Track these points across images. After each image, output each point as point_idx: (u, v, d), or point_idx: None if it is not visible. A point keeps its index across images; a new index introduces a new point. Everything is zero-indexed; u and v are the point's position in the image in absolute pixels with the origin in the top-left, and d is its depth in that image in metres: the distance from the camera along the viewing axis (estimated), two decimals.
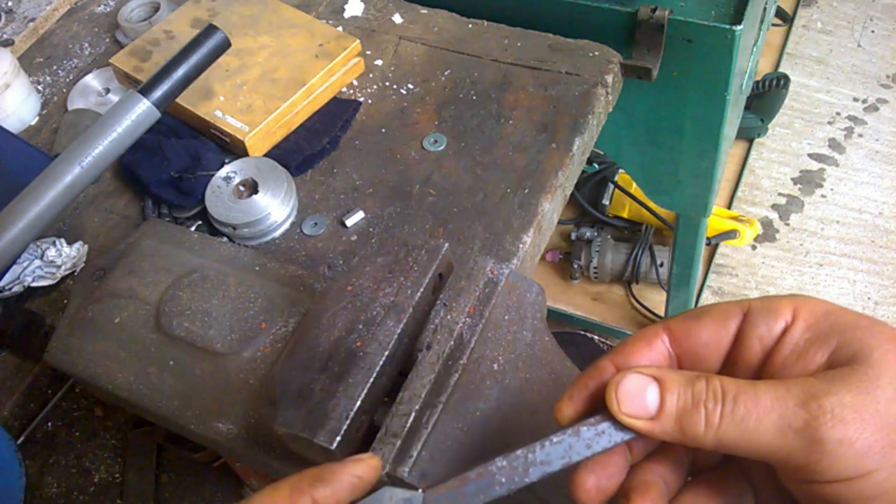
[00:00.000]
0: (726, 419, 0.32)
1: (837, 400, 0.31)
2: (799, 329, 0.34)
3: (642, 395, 0.33)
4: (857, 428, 0.30)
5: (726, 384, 0.33)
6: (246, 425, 0.56)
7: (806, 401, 0.31)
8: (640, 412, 0.33)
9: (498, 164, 0.87)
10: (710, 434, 0.32)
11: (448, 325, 0.51)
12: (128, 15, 1.10)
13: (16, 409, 0.78)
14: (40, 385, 0.79)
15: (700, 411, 0.32)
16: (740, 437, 0.32)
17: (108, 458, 0.75)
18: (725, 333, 0.36)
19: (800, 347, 0.34)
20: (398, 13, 1.06)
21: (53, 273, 0.83)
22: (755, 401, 0.32)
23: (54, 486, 0.74)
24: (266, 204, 0.84)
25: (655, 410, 0.33)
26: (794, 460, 0.31)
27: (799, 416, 0.31)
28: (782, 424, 0.31)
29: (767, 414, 0.31)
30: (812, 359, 0.33)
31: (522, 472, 0.35)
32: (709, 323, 0.36)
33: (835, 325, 0.34)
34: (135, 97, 0.74)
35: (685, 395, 0.33)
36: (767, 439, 0.31)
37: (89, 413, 0.78)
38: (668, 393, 0.33)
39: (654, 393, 0.33)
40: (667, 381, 0.34)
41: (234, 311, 0.60)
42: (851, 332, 0.33)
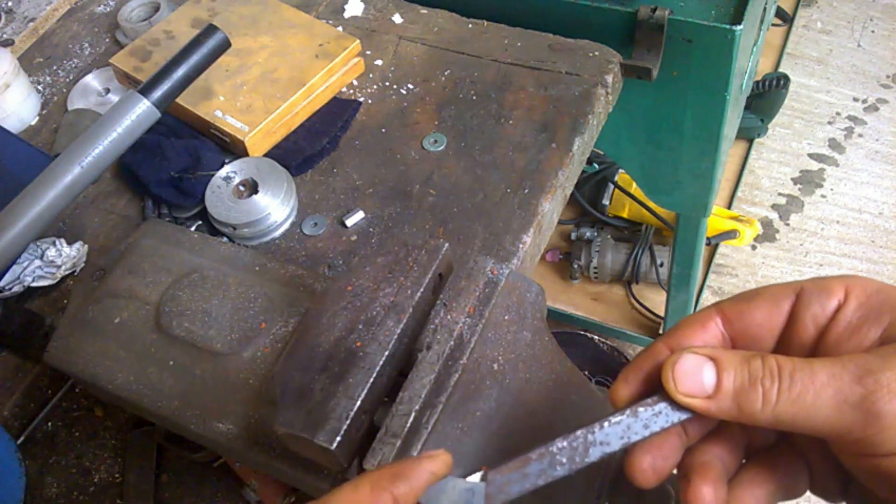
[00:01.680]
0: (783, 396, 0.32)
1: (893, 375, 0.31)
2: (851, 307, 0.35)
3: (699, 374, 0.34)
4: None
5: (782, 362, 0.33)
6: (246, 425, 0.56)
7: (862, 376, 0.31)
8: (697, 391, 0.34)
9: (498, 164, 0.87)
10: (768, 411, 0.33)
11: (448, 325, 0.51)
12: (128, 15, 1.10)
13: (16, 409, 0.78)
14: (40, 385, 0.79)
15: (757, 389, 0.33)
16: (797, 413, 0.32)
17: (108, 458, 0.75)
18: (778, 314, 0.36)
19: (853, 325, 0.34)
20: (398, 13, 1.06)
21: (53, 273, 0.83)
22: (811, 377, 0.32)
23: (54, 486, 0.74)
24: (266, 204, 0.84)
25: (712, 389, 0.34)
26: (851, 435, 0.32)
27: (855, 392, 0.31)
28: (839, 400, 0.31)
29: (824, 390, 0.32)
30: (866, 335, 0.34)
31: (583, 452, 0.36)
32: (762, 304, 0.36)
33: (887, 301, 0.34)
34: (135, 97, 0.74)
35: (742, 373, 0.33)
36: (825, 415, 0.32)
37: (89, 413, 0.78)
38: (725, 371, 0.34)
39: (711, 372, 0.34)
40: (723, 360, 0.34)
41: (234, 311, 0.60)
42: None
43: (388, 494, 0.35)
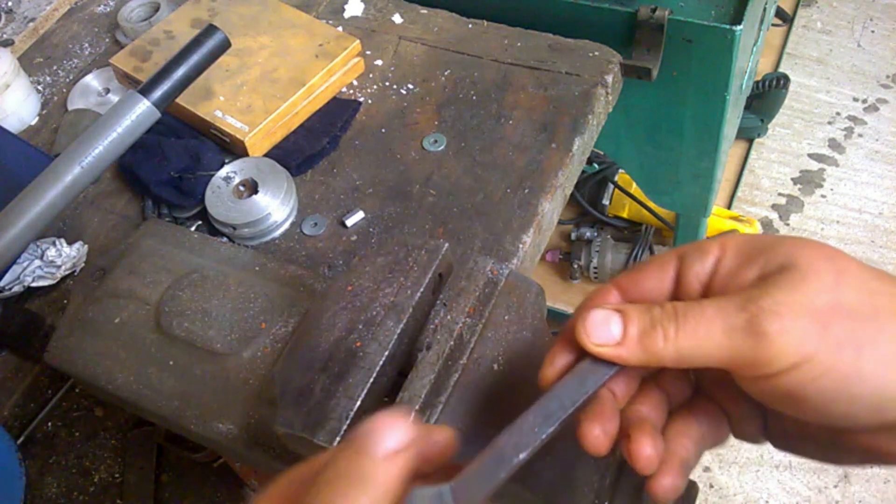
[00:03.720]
0: (680, 332, 0.36)
1: (772, 299, 0.35)
2: (728, 258, 0.38)
3: (607, 324, 0.38)
4: (792, 318, 0.34)
5: (677, 305, 0.37)
6: (246, 425, 0.56)
7: (745, 304, 0.35)
8: (607, 339, 0.38)
9: (498, 164, 0.87)
10: (670, 347, 0.36)
11: (448, 325, 0.51)
12: (128, 15, 1.10)
13: (16, 409, 0.78)
14: (40, 385, 0.79)
15: (657, 330, 0.37)
16: (695, 345, 0.36)
17: (108, 459, 0.75)
18: (666, 278, 0.40)
19: (732, 272, 0.38)
20: (398, 13, 1.06)
21: (53, 273, 0.83)
22: (702, 312, 0.36)
23: (54, 487, 0.74)
24: (266, 204, 0.84)
25: (620, 336, 0.38)
26: (744, 356, 0.35)
27: (740, 317, 0.35)
28: (727, 327, 0.35)
29: (714, 320, 0.36)
30: (745, 277, 0.37)
31: (529, 435, 0.37)
32: (650, 272, 0.41)
33: (759, 246, 0.38)
34: (135, 97, 0.74)
35: (644, 318, 0.37)
36: (717, 341, 0.35)
37: (89, 413, 0.78)
38: (629, 319, 0.38)
39: (618, 321, 0.38)
40: (627, 311, 0.38)
41: (234, 311, 0.60)
42: (776, 248, 0.37)
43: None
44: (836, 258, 0.36)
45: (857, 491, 1.67)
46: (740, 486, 1.70)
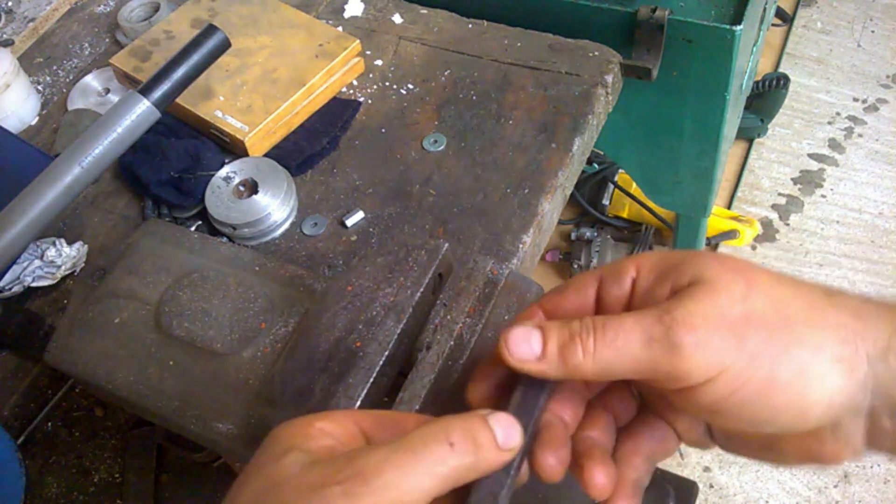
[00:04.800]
0: (599, 344, 0.37)
1: (686, 310, 0.35)
2: (643, 277, 0.39)
3: (528, 340, 0.38)
4: (707, 330, 0.35)
5: (596, 319, 0.38)
6: (246, 425, 0.56)
7: (660, 316, 0.36)
8: (528, 355, 0.38)
9: (498, 164, 0.87)
10: (589, 360, 0.37)
11: (448, 325, 0.51)
12: (128, 15, 1.10)
13: (16, 409, 0.78)
14: (40, 385, 0.79)
15: (577, 343, 0.37)
16: (614, 356, 0.36)
17: (108, 459, 0.75)
18: (587, 300, 0.41)
19: (647, 290, 0.39)
20: (398, 13, 1.06)
21: (53, 273, 0.83)
22: (620, 324, 0.37)
23: (54, 487, 0.74)
24: (266, 204, 0.84)
25: (540, 351, 0.38)
26: (662, 368, 0.35)
27: (657, 329, 0.35)
28: (644, 339, 0.36)
29: (632, 332, 0.36)
30: (659, 294, 0.38)
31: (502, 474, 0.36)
32: (571, 294, 0.42)
33: (671, 262, 0.39)
34: (135, 97, 0.74)
35: (563, 333, 0.38)
36: (636, 353, 0.36)
37: (89, 413, 0.78)
38: (549, 335, 0.38)
39: (537, 337, 0.38)
40: (547, 326, 0.39)
41: (234, 311, 0.60)
42: (686, 263, 0.38)
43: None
44: (745, 269, 0.37)
45: (857, 491, 1.67)
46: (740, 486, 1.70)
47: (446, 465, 0.33)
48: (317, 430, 0.36)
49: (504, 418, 0.36)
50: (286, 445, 0.35)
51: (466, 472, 0.34)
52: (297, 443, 0.35)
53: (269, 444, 0.36)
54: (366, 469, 0.32)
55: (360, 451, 0.34)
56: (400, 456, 0.33)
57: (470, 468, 0.34)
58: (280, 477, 0.34)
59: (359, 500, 0.31)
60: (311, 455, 0.34)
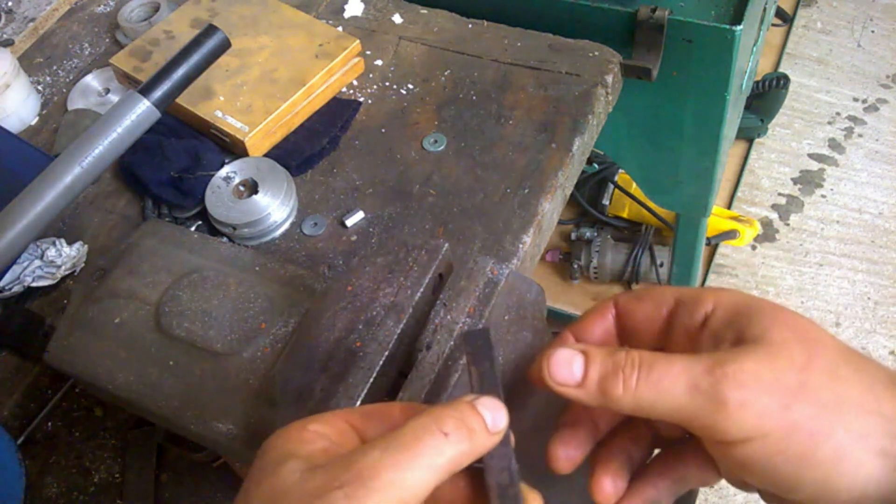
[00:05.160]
0: (642, 382, 0.36)
1: (739, 367, 0.35)
2: (717, 317, 0.39)
3: (570, 365, 0.38)
4: (755, 391, 0.34)
5: (644, 355, 0.37)
6: (246, 425, 0.56)
7: (712, 367, 0.35)
8: (568, 380, 0.38)
9: (498, 164, 0.87)
10: (629, 396, 0.37)
11: (448, 325, 0.51)
12: (128, 15, 1.10)
13: (16, 409, 0.78)
14: (40, 385, 0.79)
15: (619, 376, 0.37)
16: (655, 398, 0.36)
17: (108, 459, 0.75)
18: (659, 316, 0.41)
19: (717, 331, 0.38)
20: (398, 13, 1.06)
21: (53, 273, 0.83)
22: (668, 367, 0.36)
23: (54, 487, 0.74)
24: (266, 204, 0.84)
25: (581, 377, 0.38)
26: (702, 419, 0.35)
27: (705, 380, 0.35)
28: (691, 386, 0.35)
29: (679, 377, 0.36)
30: (725, 339, 0.38)
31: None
32: (647, 305, 0.42)
33: (745, 309, 0.38)
34: (135, 97, 0.74)
35: (606, 363, 0.38)
36: (679, 401, 0.35)
37: (89, 413, 0.78)
38: (592, 362, 0.38)
39: (580, 362, 0.38)
40: (591, 354, 0.38)
41: (234, 311, 0.60)
42: (758, 316, 0.37)
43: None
44: (813, 339, 0.37)
45: None
46: None
47: (444, 456, 0.34)
48: (311, 434, 0.36)
49: (490, 402, 0.36)
50: (283, 453, 0.35)
51: (463, 459, 0.35)
52: (292, 449, 0.35)
53: (266, 454, 0.36)
54: (363, 471, 0.32)
55: (357, 452, 0.34)
56: (396, 454, 0.33)
57: (466, 454, 0.35)
58: (282, 487, 0.33)
59: (362, 503, 0.31)
60: (309, 461, 0.34)
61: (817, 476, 0.34)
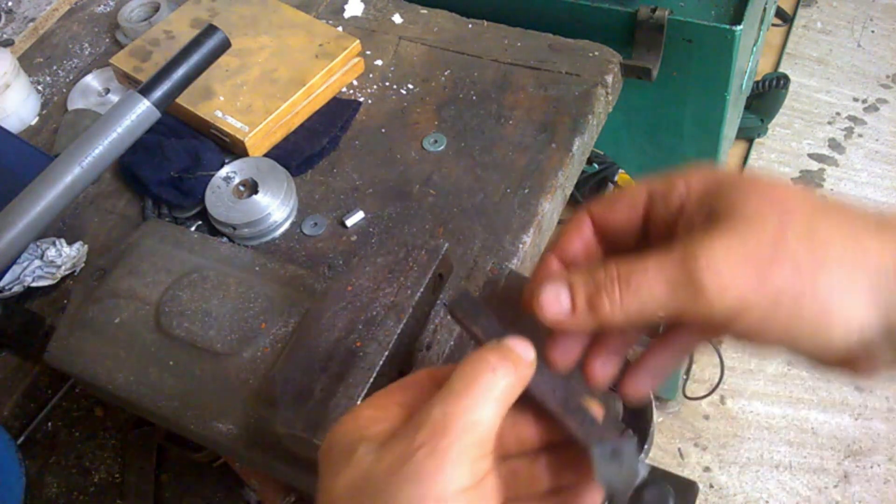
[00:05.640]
0: (624, 293, 0.37)
1: (709, 251, 0.35)
2: (691, 201, 0.39)
3: (557, 298, 0.39)
4: (730, 271, 0.35)
5: (620, 266, 0.38)
6: (246, 425, 0.56)
7: (684, 259, 0.36)
8: (560, 313, 0.39)
9: (498, 164, 0.87)
10: (617, 311, 0.37)
11: (448, 325, 0.51)
12: (128, 15, 1.10)
13: (16, 409, 0.78)
14: (40, 385, 0.79)
15: (602, 296, 0.38)
16: (640, 306, 0.37)
17: (108, 459, 0.75)
18: (636, 216, 0.42)
19: (692, 214, 0.39)
20: (398, 13, 1.06)
21: (53, 273, 0.83)
22: (644, 272, 0.37)
23: (54, 487, 0.74)
24: (266, 204, 0.84)
25: (569, 307, 0.39)
26: (687, 312, 0.36)
27: (680, 274, 0.36)
28: (668, 284, 0.36)
29: (655, 279, 0.36)
30: (695, 221, 0.38)
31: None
32: (621, 208, 0.42)
33: (714, 188, 0.38)
34: (135, 97, 0.74)
35: (588, 286, 0.38)
36: (662, 301, 0.36)
37: (89, 413, 0.78)
38: (576, 290, 0.39)
39: (566, 294, 0.39)
40: (574, 282, 0.39)
41: (234, 311, 0.60)
42: (727, 191, 0.38)
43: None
44: (786, 203, 0.36)
45: (857, 491, 1.67)
46: (740, 486, 1.70)
47: (498, 388, 0.36)
48: (366, 420, 0.38)
49: (511, 340, 0.39)
50: (349, 443, 0.37)
51: (514, 389, 0.37)
52: (358, 436, 0.37)
53: (331, 450, 0.38)
54: (436, 426, 0.34)
55: (420, 415, 0.36)
56: (458, 400, 0.35)
57: (515, 384, 0.37)
58: (361, 471, 0.35)
59: (446, 453, 0.34)
60: (377, 440, 0.36)
61: (808, 331, 0.35)
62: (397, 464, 0.34)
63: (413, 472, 0.33)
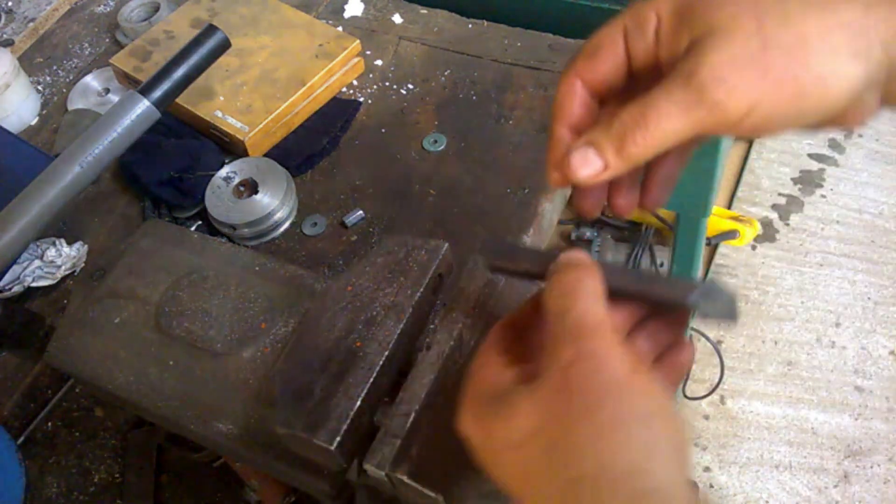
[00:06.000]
0: (646, 132, 0.39)
1: (708, 66, 0.38)
2: (665, 29, 0.41)
3: (587, 160, 0.41)
4: (733, 77, 0.37)
5: (632, 110, 0.40)
6: (246, 425, 0.56)
7: (687, 81, 0.38)
8: (595, 170, 0.41)
9: (498, 164, 0.87)
10: (644, 150, 0.40)
11: (448, 325, 0.51)
12: (128, 15, 1.10)
13: (16, 410, 0.78)
14: (40, 385, 0.79)
15: (627, 140, 0.40)
16: (664, 136, 0.39)
17: (108, 459, 0.75)
18: (619, 59, 0.43)
19: (670, 39, 0.41)
20: (398, 13, 1.06)
21: (53, 273, 0.83)
22: (657, 109, 0.39)
23: (54, 487, 0.74)
24: (266, 204, 0.84)
25: (603, 164, 0.41)
26: (705, 125, 0.38)
27: (690, 95, 0.38)
28: (683, 109, 0.38)
29: (669, 109, 0.38)
30: (679, 44, 0.40)
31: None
32: (605, 58, 0.43)
33: (685, 11, 0.40)
34: (135, 97, 0.74)
35: (612, 138, 0.40)
36: (680, 126, 0.38)
37: (89, 413, 0.78)
38: (602, 146, 0.41)
39: (592, 153, 0.41)
40: (596, 139, 0.41)
41: (234, 311, 0.60)
42: (699, 9, 0.40)
43: None
44: (749, 3, 0.39)
45: (857, 491, 1.67)
46: (740, 486, 1.70)
47: (594, 290, 0.40)
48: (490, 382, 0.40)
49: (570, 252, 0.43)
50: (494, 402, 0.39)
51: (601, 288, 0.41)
52: (497, 392, 0.39)
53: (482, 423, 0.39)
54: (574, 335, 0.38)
55: (549, 340, 0.38)
56: (573, 310, 0.39)
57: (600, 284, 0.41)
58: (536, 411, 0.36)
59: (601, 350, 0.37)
60: (518, 383, 0.39)
61: (812, 103, 0.38)
62: (562, 384, 0.36)
63: (589, 381, 0.36)
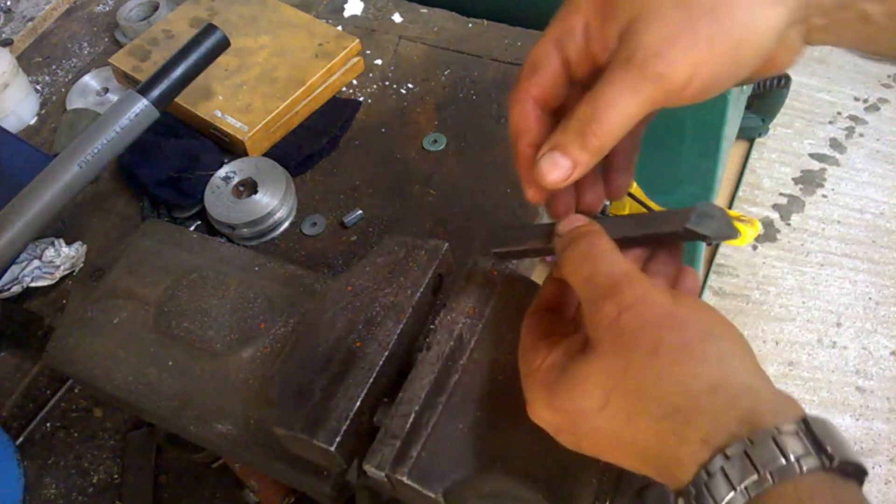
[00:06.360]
0: (604, 119, 0.41)
1: (646, 47, 0.40)
2: (592, 24, 0.43)
3: (555, 164, 0.43)
4: (670, 50, 0.39)
5: (584, 105, 0.42)
6: (245, 426, 0.56)
7: (630, 64, 0.40)
8: (565, 173, 0.43)
9: (498, 164, 0.87)
10: (603, 139, 0.41)
11: (448, 325, 0.51)
12: (127, 14, 1.09)
13: (14, 410, 0.78)
14: (39, 385, 0.79)
15: (587, 134, 0.41)
16: (620, 119, 0.41)
17: (107, 459, 0.75)
18: (558, 68, 0.45)
19: (598, 34, 0.43)
20: (398, 13, 1.06)
21: (52, 273, 0.83)
22: (605, 95, 0.41)
23: (53, 487, 0.74)
24: (265, 204, 0.84)
25: (571, 165, 0.43)
26: (657, 99, 0.40)
27: (636, 76, 0.40)
28: (633, 90, 0.40)
29: (621, 94, 0.40)
30: (610, 37, 0.42)
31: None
32: (549, 70, 0.45)
33: (610, 5, 0.42)
34: (134, 97, 0.73)
35: (573, 137, 0.42)
36: (633, 106, 0.40)
37: (88, 414, 0.77)
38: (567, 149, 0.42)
39: (560, 157, 0.43)
40: (558, 142, 0.43)
41: (234, 311, 0.60)
42: (622, 1, 0.41)
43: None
44: None
45: None
46: None
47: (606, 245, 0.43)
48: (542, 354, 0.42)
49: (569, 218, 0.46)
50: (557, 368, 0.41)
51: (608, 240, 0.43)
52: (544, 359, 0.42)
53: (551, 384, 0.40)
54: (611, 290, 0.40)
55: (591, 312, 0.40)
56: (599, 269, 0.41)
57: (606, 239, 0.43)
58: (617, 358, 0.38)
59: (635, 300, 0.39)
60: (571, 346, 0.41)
61: (748, 54, 0.40)
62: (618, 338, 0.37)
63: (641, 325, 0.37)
